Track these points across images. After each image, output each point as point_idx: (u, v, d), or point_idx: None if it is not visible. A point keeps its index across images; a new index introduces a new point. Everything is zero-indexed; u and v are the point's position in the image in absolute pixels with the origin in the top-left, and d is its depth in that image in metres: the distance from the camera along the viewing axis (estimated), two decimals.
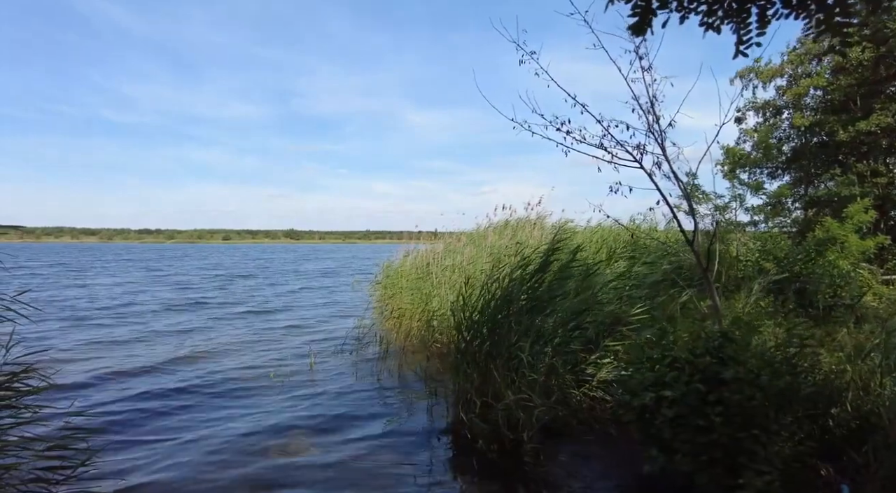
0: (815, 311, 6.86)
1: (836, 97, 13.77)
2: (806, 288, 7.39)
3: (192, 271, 29.69)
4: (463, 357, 4.60)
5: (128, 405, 5.49)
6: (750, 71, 15.75)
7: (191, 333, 9.80)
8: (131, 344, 8.63)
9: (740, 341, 3.20)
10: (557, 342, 4.56)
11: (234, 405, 5.56)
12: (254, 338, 9.30)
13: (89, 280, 22.14)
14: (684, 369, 3.16)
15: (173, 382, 6.35)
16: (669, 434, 3.03)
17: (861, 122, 12.40)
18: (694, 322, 3.58)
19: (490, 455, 4.03)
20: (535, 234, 9.64)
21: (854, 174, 13.02)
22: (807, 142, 14.99)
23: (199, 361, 7.48)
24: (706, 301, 4.40)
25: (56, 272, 26.97)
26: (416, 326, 8.43)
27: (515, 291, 4.76)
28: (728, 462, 2.82)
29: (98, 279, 22.69)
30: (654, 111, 3.88)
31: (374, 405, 5.58)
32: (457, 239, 10.55)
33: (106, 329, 9.98)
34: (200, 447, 4.43)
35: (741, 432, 2.79)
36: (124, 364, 7.19)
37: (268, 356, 7.79)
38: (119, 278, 23.45)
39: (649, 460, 3.15)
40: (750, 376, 2.90)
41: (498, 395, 4.25)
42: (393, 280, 10.40)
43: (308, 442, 4.56)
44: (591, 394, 4.76)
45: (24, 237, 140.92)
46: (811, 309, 6.96)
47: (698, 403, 2.95)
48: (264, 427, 4.89)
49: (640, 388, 3.35)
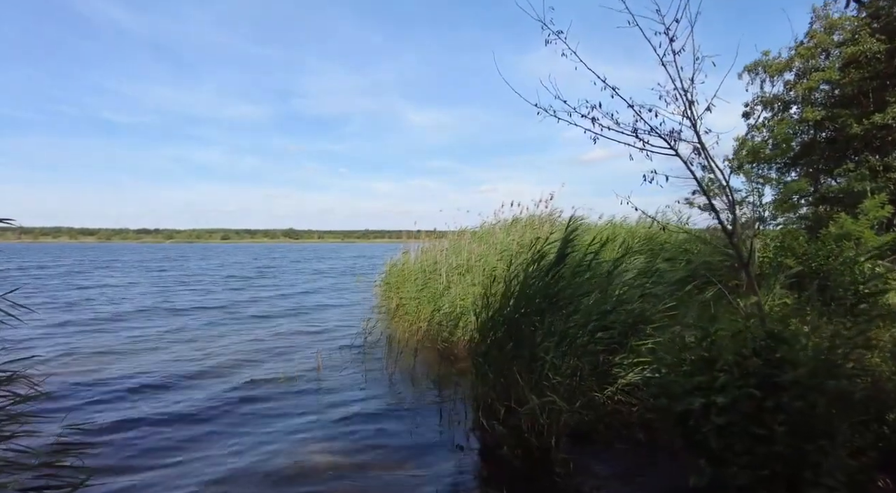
0: (839, 307, 6.62)
1: (847, 91, 13.54)
2: (828, 284, 7.15)
3: (209, 271, 29.43)
4: (485, 360, 4.33)
5: (127, 414, 5.22)
6: (758, 65, 15.52)
7: (196, 337, 9.50)
8: (131, 351, 8.35)
9: (792, 340, 2.94)
10: (582, 343, 4.29)
11: (243, 411, 5.28)
12: (261, 341, 8.97)
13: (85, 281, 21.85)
14: (732, 371, 2.90)
15: (179, 391, 6.06)
16: (720, 444, 2.77)
17: (876, 115, 12.14)
18: (736, 321, 3.31)
19: (515, 463, 3.77)
20: (545, 230, 9.38)
21: (867, 169, 12.78)
22: (816, 137, 14.76)
23: (206, 367, 7.19)
24: (743, 298, 4.14)
25: (70, 273, 26.67)
26: (425, 326, 8.17)
27: (534, 287, 4.49)
28: (790, 476, 2.55)
29: (105, 280, 22.40)
30: (689, 96, 3.61)
31: (387, 410, 5.31)
32: (460, 236, 10.31)
33: (95, 336, 9.69)
34: (208, 454, 4.17)
35: (807, 442, 2.53)
36: (124, 371, 6.92)
37: (275, 360, 7.49)
38: (125, 279, 23.16)
39: (696, 472, 2.89)
40: (813, 381, 2.64)
41: (521, 399, 3.99)
42: (399, 279, 10.14)
43: (320, 449, 4.29)
44: (617, 397, 4.51)
45: (21, 237, 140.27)
46: (834, 306, 6.73)
47: (753, 410, 2.69)
48: (275, 433, 4.63)
49: (682, 392, 3.09)
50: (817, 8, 14.87)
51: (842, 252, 7.86)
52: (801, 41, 14.83)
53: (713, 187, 4.11)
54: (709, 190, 4.32)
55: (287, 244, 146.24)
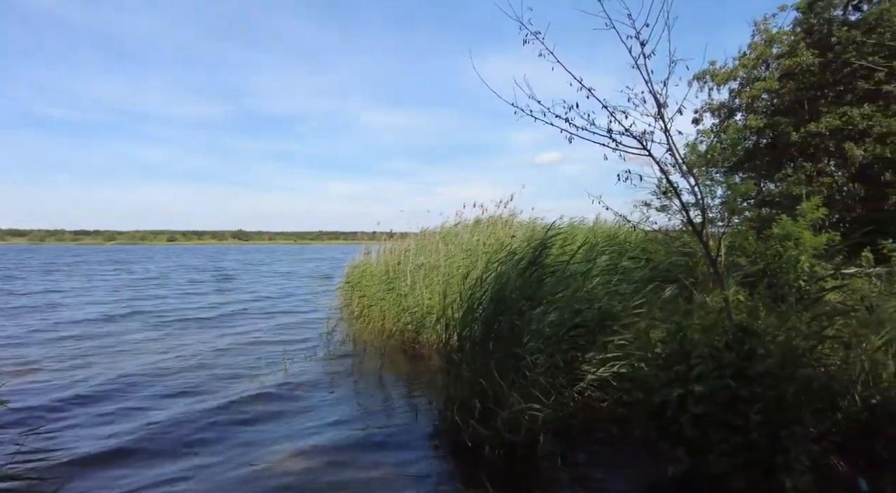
0: (785, 304, 7.02)
1: (785, 100, 14.42)
2: (775, 282, 7.58)
3: (169, 274, 27.94)
4: (461, 358, 4.32)
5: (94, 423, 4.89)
6: (705, 74, 16.29)
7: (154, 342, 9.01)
8: (74, 366, 7.84)
9: (762, 333, 3.09)
10: (558, 340, 4.36)
11: (206, 419, 5.04)
12: (221, 346, 8.58)
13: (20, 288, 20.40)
14: (707, 363, 3.02)
15: (139, 397, 5.74)
16: (696, 434, 2.87)
17: (811, 124, 12.99)
18: (707, 315, 3.45)
19: (497, 463, 3.77)
20: (508, 231, 9.50)
21: (803, 174, 13.65)
22: (758, 143, 15.64)
23: (162, 371, 6.84)
24: (710, 294, 4.33)
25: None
26: (391, 327, 8.09)
27: (511, 287, 4.53)
28: (765, 463, 2.67)
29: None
30: (661, 98, 3.74)
31: (357, 413, 5.20)
32: (424, 237, 10.30)
33: (34, 347, 9.07)
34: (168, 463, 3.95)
35: (780, 429, 2.66)
36: (65, 380, 6.48)
37: (238, 365, 7.19)
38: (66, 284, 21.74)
39: (673, 461, 2.98)
40: (785, 371, 2.78)
41: (499, 398, 4.00)
42: (362, 280, 10.01)
43: (287, 455, 4.14)
44: (587, 393, 4.60)
45: None
46: (782, 303, 7.13)
47: (728, 400, 2.80)
48: (239, 442, 4.43)
49: (658, 384, 3.19)
50: (758, 22, 15.78)
51: (785, 251, 8.36)
52: (744, 52, 15.69)
53: (678, 189, 4.25)
54: (670, 190, 4.47)
55: (237, 246, 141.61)
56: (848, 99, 13.24)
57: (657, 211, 11.13)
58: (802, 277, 7.76)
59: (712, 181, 12.89)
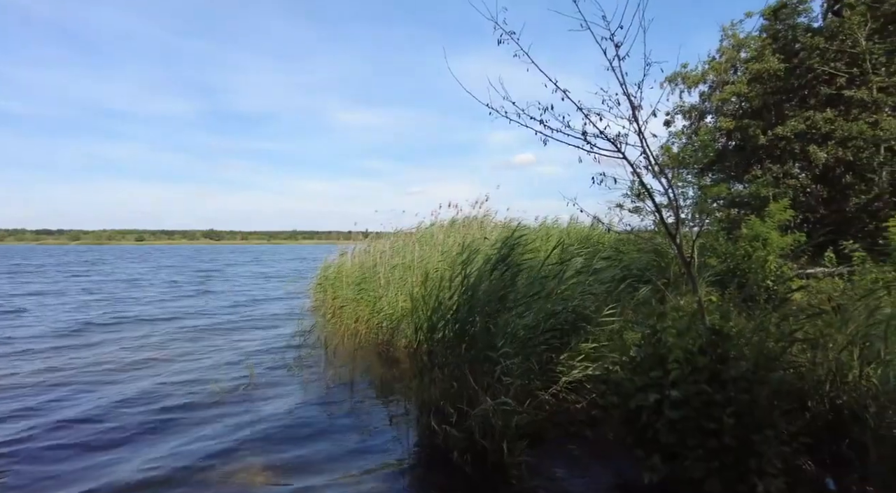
0: (754, 304, 7.15)
1: (754, 104, 14.77)
2: (745, 283, 7.72)
3: (145, 276, 27.01)
4: (435, 361, 4.24)
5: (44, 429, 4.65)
6: (677, 76, 16.57)
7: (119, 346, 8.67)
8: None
9: (735, 337, 3.09)
10: (533, 343, 4.31)
11: (170, 428, 4.84)
12: (185, 350, 8.29)
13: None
14: (682, 368, 3.00)
15: (97, 401, 5.50)
16: (672, 439, 2.85)
17: (778, 127, 13.32)
18: (681, 318, 3.44)
19: (467, 469, 3.69)
20: (482, 232, 9.46)
21: (771, 176, 14.00)
22: (727, 145, 15.99)
23: (125, 376, 6.58)
24: (683, 296, 4.34)
25: None
26: (364, 329, 7.95)
27: (485, 288, 4.47)
28: (739, 467, 2.67)
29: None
30: (635, 101, 3.72)
31: (328, 419, 5.07)
32: (400, 237, 10.18)
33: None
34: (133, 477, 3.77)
35: (754, 433, 2.65)
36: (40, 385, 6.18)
37: (203, 370, 6.93)
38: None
39: (649, 468, 2.95)
40: (759, 375, 2.78)
41: (473, 401, 3.93)
42: (335, 282, 9.83)
43: (258, 466, 4.00)
44: (561, 395, 4.57)
45: None
46: (750, 303, 7.27)
47: (702, 404, 2.79)
48: (207, 452, 4.25)
49: (633, 389, 3.16)
50: (726, 27, 16.13)
51: (754, 252, 8.54)
52: (713, 56, 16.02)
53: (651, 190, 4.25)
54: (643, 192, 4.48)
55: (209, 246, 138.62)
56: (812, 103, 13.64)
57: (630, 212, 11.25)
58: (770, 277, 7.95)
59: (684, 183, 13.10)
